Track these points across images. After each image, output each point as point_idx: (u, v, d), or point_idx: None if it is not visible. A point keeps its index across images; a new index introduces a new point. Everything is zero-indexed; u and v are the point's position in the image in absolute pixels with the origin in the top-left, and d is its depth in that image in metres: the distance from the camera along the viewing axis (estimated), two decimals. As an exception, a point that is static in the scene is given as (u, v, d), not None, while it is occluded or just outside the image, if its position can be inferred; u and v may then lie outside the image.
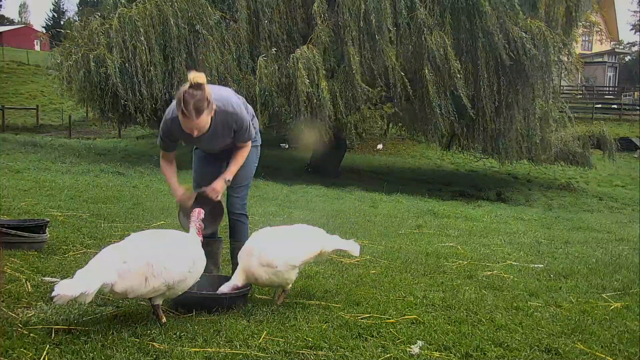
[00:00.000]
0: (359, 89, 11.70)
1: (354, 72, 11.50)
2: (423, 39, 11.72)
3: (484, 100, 12.27)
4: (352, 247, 3.45)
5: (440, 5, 12.06)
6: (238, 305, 3.06)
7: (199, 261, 2.88)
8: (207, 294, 3.10)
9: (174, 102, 3.20)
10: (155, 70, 11.51)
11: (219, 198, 3.44)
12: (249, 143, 3.46)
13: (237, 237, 3.60)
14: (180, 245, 2.85)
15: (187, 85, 3.02)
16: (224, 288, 3.08)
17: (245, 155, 3.47)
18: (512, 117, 13.04)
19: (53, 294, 2.34)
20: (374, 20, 11.38)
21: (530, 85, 12.64)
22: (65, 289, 2.35)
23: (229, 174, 3.43)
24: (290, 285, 3.26)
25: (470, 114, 12.07)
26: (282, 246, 3.17)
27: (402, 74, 11.66)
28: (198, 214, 3.03)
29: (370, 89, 11.86)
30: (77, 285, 2.38)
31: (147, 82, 11.47)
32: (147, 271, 2.61)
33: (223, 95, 3.28)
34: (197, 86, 3.00)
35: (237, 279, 3.11)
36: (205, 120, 3.08)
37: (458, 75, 11.56)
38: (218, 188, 3.41)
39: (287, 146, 19.53)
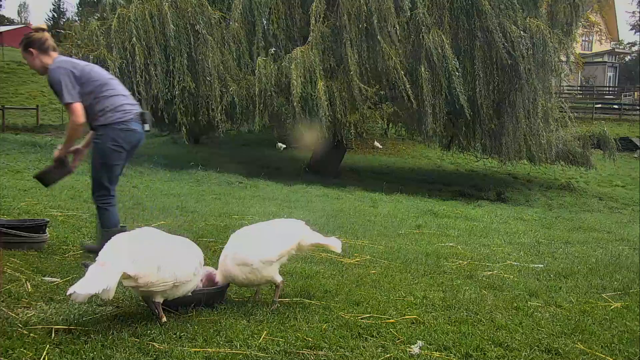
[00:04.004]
0: (357, 89, 11.68)
1: (351, 72, 11.48)
2: (421, 37, 11.71)
3: (481, 99, 12.25)
4: (334, 243, 3.41)
5: (439, 5, 12.05)
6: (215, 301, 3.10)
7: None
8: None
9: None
10: (155, 70, 11.51)
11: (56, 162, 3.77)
12: (76, 118, 3.49)
13: (100, 222, 3.79)
14: (188, 247, 2.94)
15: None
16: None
17: (70, 131, 3.59)
18: (510, 117, 13.01)
19: (71, 293, 2.36)
20: (375, 20, 11.34)
21: (529, 84, 12.62)
22: (85, 287, 2.37)
23: (59, 151, 3.75)
24: (280, 279, 3.19)
25: (467, 114, 12.00)
26: (255, 243, 3.14)
27: (402, 72, 11.65)
28: None
29: (368, 89, 11.83)
30: (97, 282, 2.40)
31: (145, 83, 11.46)
32: (159, 261, 2.67)
33: (62, 59, 3.65)
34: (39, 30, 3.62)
35: (217, 277, 3.13)
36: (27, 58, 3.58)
37: (456, 74, 11.54)
38: (54, 155, 3.78)
39: (282, 147, 19.48)
